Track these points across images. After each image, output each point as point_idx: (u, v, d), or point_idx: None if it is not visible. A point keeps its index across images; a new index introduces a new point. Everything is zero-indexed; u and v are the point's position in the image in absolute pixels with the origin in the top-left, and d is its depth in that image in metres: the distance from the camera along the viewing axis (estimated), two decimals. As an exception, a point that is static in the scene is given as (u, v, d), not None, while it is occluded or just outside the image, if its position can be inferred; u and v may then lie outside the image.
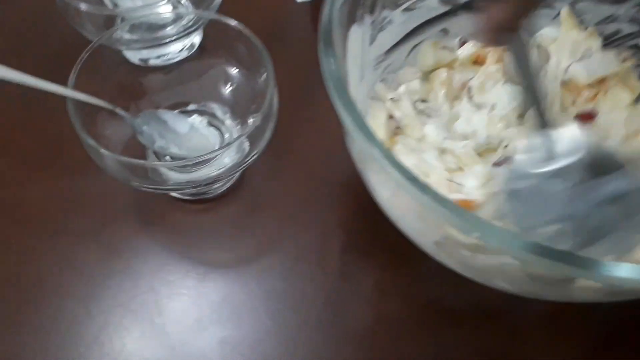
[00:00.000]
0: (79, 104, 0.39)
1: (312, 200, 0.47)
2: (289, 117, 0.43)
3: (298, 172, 0.48)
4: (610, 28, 0.48)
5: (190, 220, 0.46)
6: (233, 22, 0.43)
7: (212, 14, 0.44)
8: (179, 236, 0.45)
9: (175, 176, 0.43)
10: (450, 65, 0.47)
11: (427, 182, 0.29)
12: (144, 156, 0.45)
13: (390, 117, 0.44)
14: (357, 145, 0.35)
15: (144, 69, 0.47)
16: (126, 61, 0.47)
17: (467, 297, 0.42)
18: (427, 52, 0.47)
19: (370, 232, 0.45)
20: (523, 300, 0.35)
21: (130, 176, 0.38)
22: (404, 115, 0.44)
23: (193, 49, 0.50)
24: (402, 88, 0.44)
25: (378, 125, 0.43)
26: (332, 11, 0.37)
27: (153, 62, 0.49)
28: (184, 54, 0.49)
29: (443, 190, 0.39)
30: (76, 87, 0.40)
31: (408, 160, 0.41)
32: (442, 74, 0.46)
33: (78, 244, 0.44)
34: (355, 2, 0.40)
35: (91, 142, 0.37)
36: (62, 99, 0.39)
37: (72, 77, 0.40)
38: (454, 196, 0.39)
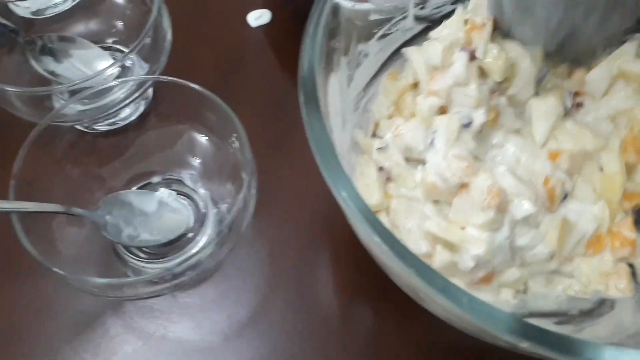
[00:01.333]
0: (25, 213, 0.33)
1: (303, 261, 0.43)
2: (263, 161, 0.37)
3: (283, 231, 0.44)
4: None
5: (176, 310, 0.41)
6: (191, 84, 0.37)
7: (161, 77, 0.38)
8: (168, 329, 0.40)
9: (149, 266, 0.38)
10: (414, 87, 0.42)
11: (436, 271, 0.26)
12: (110, 249, 0.39)
13: (380, 169, 0.39)
14: (360, 231, 0.31)
15: (94, 145, 0.40)
16: (71, 139, 0.41)
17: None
18: (388, 85, 0.42)
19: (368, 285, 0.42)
20: None
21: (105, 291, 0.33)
22: (394, 165, 0.39)
23: (146, 105, 0.44)
24: (388, 135, 0.39)
25: (370, 185, 0.38)
26: (312, 62, 0.33)
27: (101, 127, 0.43)
28: (135, 116, 0.43)
29: (448, 256, 0.35)
30: (18, 193, 0.34)
31: (408, 222, 0.37)
32: (407, 99, 0.41)
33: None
34: (331, 47, 0.36)
35: (54, 268, 0.31)
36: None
37: (13, 183, 0.34)
38: (464, 262, 0.35)
